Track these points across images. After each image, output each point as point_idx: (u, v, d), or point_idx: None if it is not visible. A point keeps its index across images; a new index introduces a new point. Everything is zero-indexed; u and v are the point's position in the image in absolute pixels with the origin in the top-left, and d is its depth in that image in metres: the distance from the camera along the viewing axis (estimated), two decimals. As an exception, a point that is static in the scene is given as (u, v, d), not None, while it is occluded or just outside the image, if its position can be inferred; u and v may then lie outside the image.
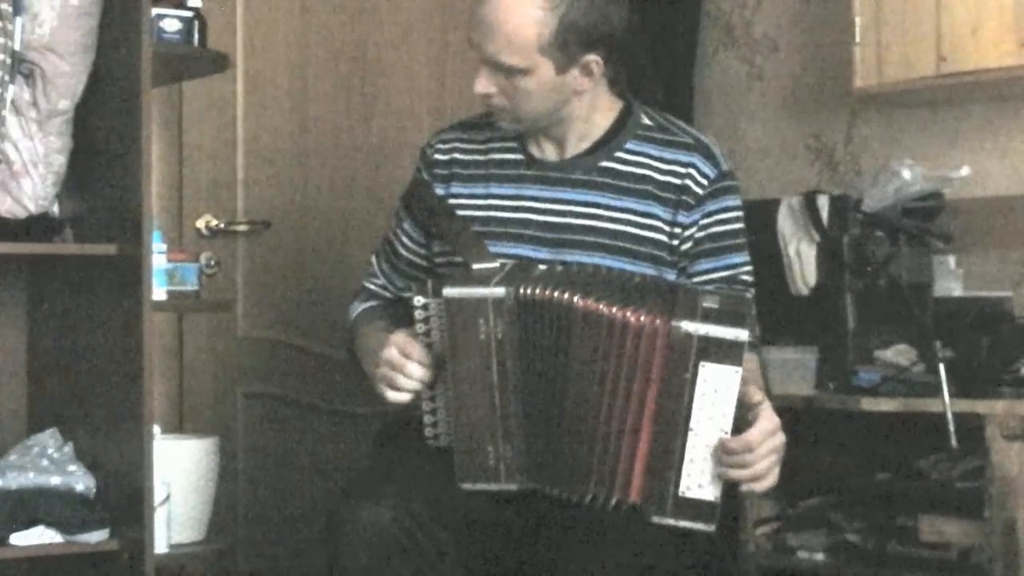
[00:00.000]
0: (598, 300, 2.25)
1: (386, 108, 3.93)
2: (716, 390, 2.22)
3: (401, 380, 2.35)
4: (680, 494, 2.23)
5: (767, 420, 2.26)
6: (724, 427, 2.23)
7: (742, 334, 2.20)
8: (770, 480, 2.27)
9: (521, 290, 2.27)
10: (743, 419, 2.25)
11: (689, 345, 2.20)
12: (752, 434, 2.23)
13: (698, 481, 2.24)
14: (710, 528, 2.25)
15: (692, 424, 2.22)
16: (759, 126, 4.09)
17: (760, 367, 2.44)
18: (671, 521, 2.24)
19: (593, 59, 2.40)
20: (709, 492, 2.24)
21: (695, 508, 2.24)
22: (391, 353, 2.35)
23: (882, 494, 3.32)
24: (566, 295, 2.26)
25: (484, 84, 2.42)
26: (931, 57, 3.41)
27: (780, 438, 2.28)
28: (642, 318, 2.23)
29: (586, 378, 2.26)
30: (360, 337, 2.57)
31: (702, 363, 2.21)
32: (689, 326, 2.21)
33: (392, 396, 2.37)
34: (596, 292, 2.27)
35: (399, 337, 2.36)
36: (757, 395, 2.27)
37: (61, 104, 2.84)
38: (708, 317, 2.21)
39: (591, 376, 2.26)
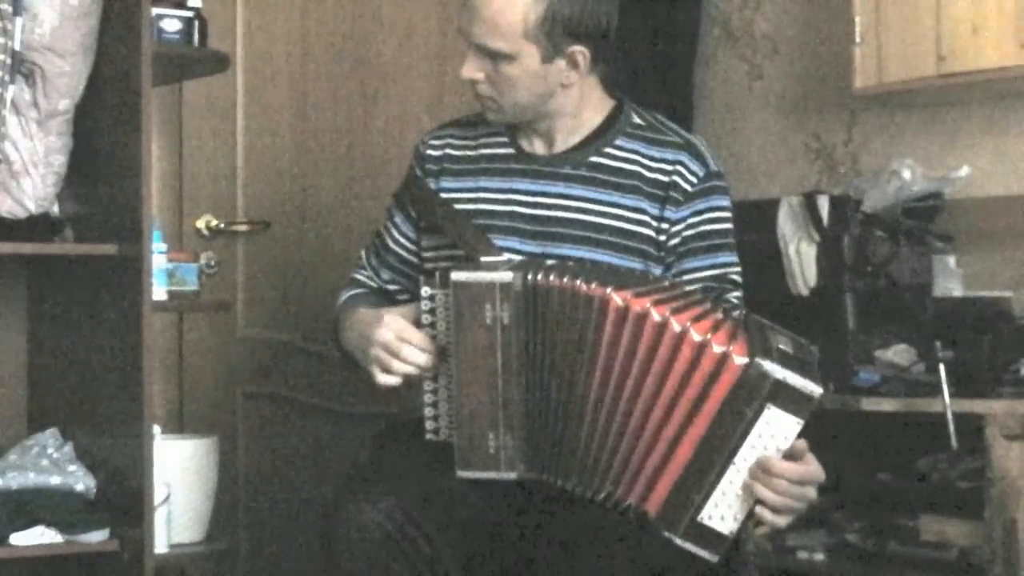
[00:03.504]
0: (639, 296, 2.21)
1: (386, 108, 3.93)
2: (773, 435, 2.18)
3: (396, 364, 2.34)
4: (698, 519, 2.21)
5: (815, 466, 2.23)
6: None
7: (817, 391, 2.16)
8: (785, 518, 2.24)
9: (530, 276, 2.26)
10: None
11: (763, 384, 2.16)
12: (798, 468, 2.20)
13: (721, 513, 2.21)
14: (713, 559, 2.23)
15: (736, 459, 2.19)
16: (759, 126, 4.09)
17: None
18: (678, 541, 2.22)
19: (579, 50, 2.41)
20: (727, 526, 2.22)
21: (707, 536, 2.22)
22: (387, 335, 2.34)
23: (882, 494, 3.32)
24: (592, 285, 2.23)
25: (470, 69, 2.43)
26: (931, 57, 3.41)
27: (814, 492, 2.25)
28: (708, 335, 2.18)
29: (611, 373, 2.23)
30: (346, 321, 2.56)
31: (769, 405, 2.16)
32: (769, 366, 2.15)
33: (383, 379, 2.36)
34: (628, 287, 2.23)
35: (395, 321, 2.35)
36: (802, 445, 2.22)
37: (61, 104, 2.84)
38: (786, 362, 2.17)
39: (621, 373, 2.22)
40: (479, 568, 2.35)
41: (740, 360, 2.17)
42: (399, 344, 2.33)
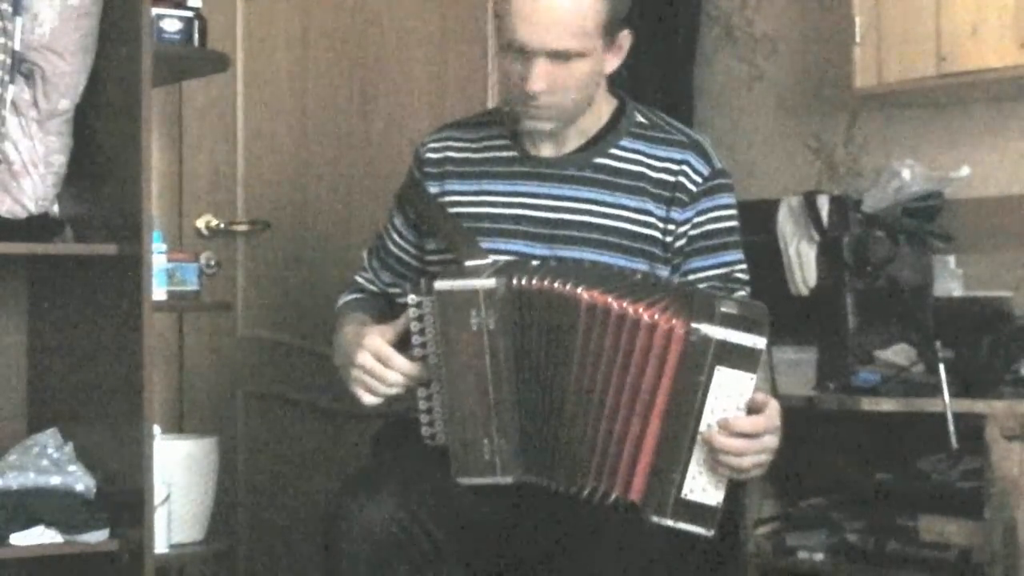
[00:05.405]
0: (604, 293, 2.25)
1: (386, 108, 3.93)
2: (729, 395, 2.21)
3: (379, 387, 2.36)
4: (682, 496, 2.23)
5: (772, 418, 2.26)
6: None
7: (760, 341, 2.21)
8: (749, 471, 2.26)
9: (514, 281, 2.27)
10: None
11: (707, 348, 2.20)
12: (757, 422, 2.22)
13: (702, 484, 2.23)
14: (708, 533, 2.24)
15: (702, 427, 2.22)
16: (759, 126, 4.09)
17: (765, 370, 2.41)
18: (669, 522, 2.24)
19: (624, 34, 2.43)
20: (712, 496, 2.24)
21: (696, 511, 2.23)
22: (368, 360, 2.35)
23: (882, 494, 3.32)
24: (567, 286, 2.26)
25: (539, 79, 2.36)
26: (931, 57, 3.41)
27: (775, 440, 2.27)
28: (656, 315, 2.23)
29: (586, 370, 2.26)
30: (338, 328, 2.57)
31: (718, 367, 2.20)
32: (708, 329, 2.20)
33: (368, 400, 2.38)
34: (601, 285, 2.26)
35: (373, 341, 2.36)
36: (762, 396, 2.26)
37: (61, 104, 2.84)
38: (727, 322, 2.21)
39: (592, 369, 2.26)
40: (483, 567, 2.35)
41: (681, 330, 2.21)
42: (380, 367, 2.35)
